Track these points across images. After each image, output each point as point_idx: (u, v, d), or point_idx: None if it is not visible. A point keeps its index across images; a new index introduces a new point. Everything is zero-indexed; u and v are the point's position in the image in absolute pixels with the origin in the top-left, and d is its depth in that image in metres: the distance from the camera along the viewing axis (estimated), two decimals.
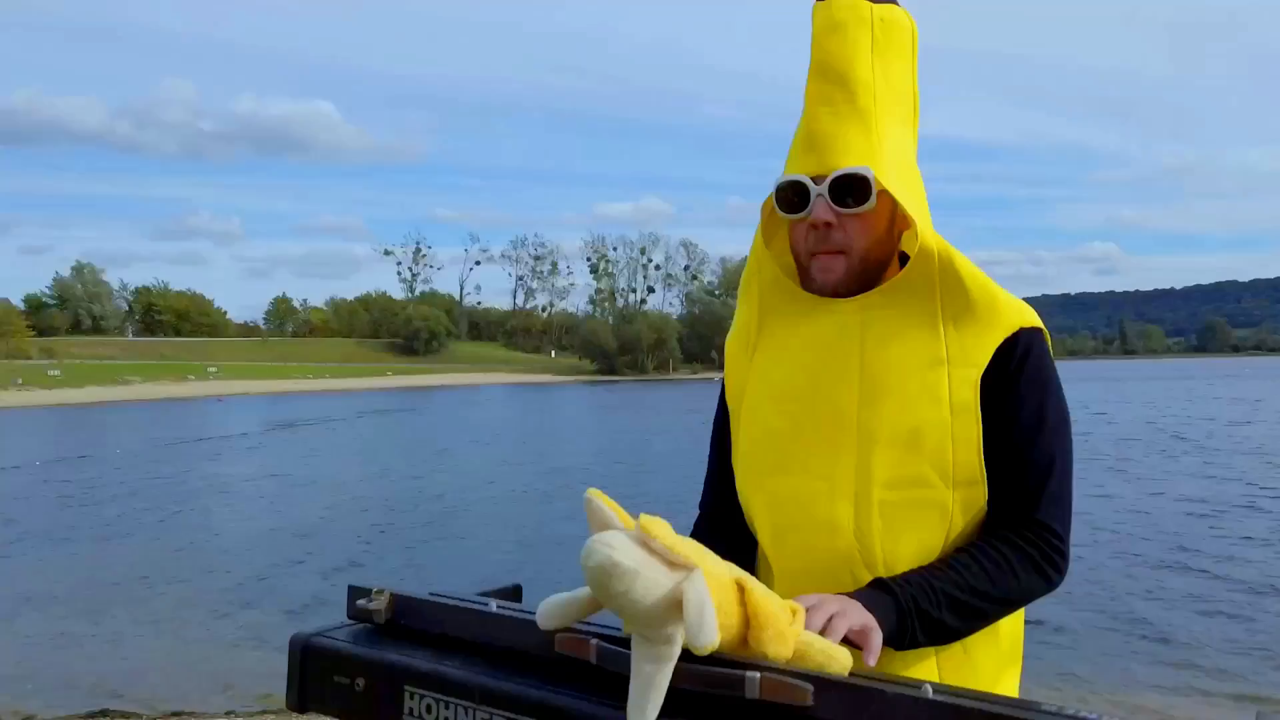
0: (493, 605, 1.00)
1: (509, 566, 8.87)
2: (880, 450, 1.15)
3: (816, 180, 1.17)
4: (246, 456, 21.30)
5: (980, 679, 1.15)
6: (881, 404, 1.17)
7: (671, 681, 0.81)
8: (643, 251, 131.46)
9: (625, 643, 0.87)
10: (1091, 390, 49.39)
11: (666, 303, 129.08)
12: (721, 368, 1.43)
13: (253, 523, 12.06)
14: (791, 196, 1.19)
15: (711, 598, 0.80)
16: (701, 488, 1.44)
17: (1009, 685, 1.21)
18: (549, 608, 0.91)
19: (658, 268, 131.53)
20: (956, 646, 1.15)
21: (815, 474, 1.18)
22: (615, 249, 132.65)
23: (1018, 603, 1.14)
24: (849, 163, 1.15)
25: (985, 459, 1.15)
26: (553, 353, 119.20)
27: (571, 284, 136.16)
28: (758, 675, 0.79)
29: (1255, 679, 5.56)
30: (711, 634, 0.77)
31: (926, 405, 1.15)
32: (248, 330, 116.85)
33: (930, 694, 0.73)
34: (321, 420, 33.19)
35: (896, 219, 1.23)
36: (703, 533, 1.38)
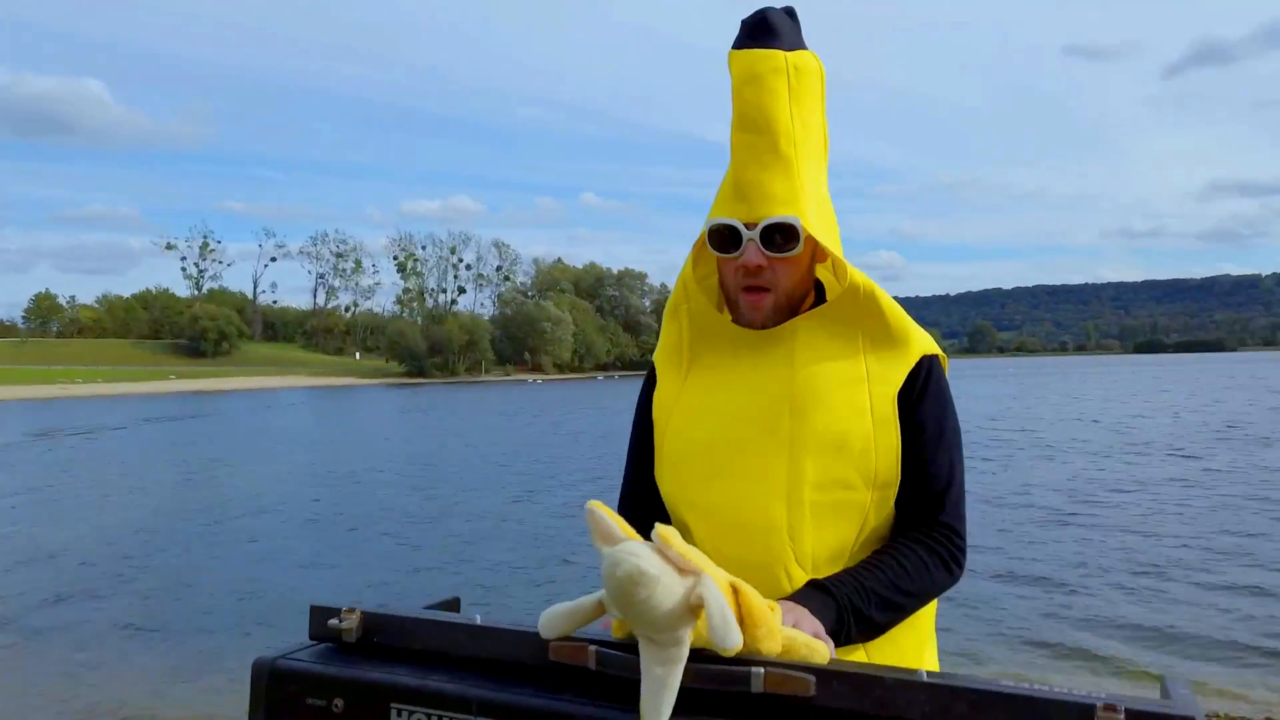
0: (478, 618, 1.01)
1: (310, 587, 8.33)
2: (810, 456, 1.26)
3: (749, 226, 1.27)
4: None
5: (906, 659, 1.28)
6: (811, 415, 1.28)
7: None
8: (453, 251, 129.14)
9: (625, 647, 0.91)
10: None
11: (478, 303, 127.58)
12: (537, 369, 1.51)
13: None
14: (725, 237, 1.29)
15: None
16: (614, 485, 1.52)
17: (931, 661, 1.35)
18: (552, 618, 0.93)
19: (469, 268, 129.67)
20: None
21: (751, 479, 1.27)
22: (424, 248, 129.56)
23: (931, 596, 1.28)
24: (776, 211, 1.26)
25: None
26: (357, 354, 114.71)
27: (377, 283, 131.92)
28: (762, 670, 0.85)
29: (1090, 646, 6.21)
30: (737, 635, 0.82)
31: (851, 416, 1.28)
32: (3, 330, 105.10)
33: (925, 678, 0.82)
34: (89, 430, 30.13)
35: (815, 255, 1.36)
36: None
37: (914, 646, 1.31)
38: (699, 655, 0.88)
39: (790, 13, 1.31)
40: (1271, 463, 15.15)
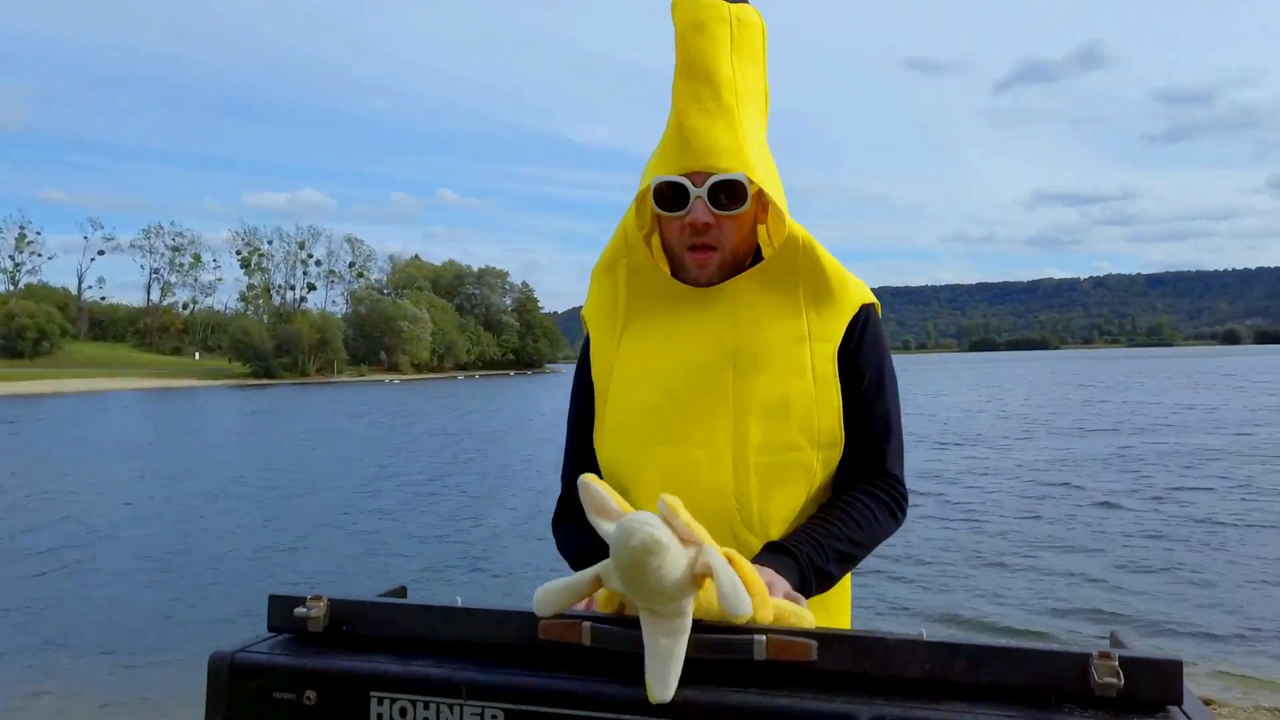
0: (459, 600, 0.97)
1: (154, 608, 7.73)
2: (754, 419, 1.26)
3: (695, 182, 1.25)
4: None
5: (834, 618, 1.31)
6: (754, 378, 1.28)
7: None
8: (301, 246, 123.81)
9: (618, 622, 0.90)
10: None
11: (330, 301, 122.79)
12: (394, 370, 1.48)
13: None
14: (670, 196, 1.27)
15: None
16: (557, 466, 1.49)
17: (846, 616, 1.38)
18: (549, 594, 0.91)
19: (319, 263, 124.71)
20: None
21: (696, 442, 1.27)
22: (270, 242, 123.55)
23: (877, 545, 1.31)
24: (722, 163, 1.24)
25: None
26: (197, 354, 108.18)
27: (218, 279, 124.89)
28: (764, 638, 0.86)
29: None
30: (748, 603, 0.82)
31: (793, 378, 1.29)
32: None
33: (925, 638, 0.85)
34: None
35: (758, 213, 1.35)
36: (571, 511, 1.41)
37: (840, 605, 1.35)
38: (699, 626, 0.87)
39: None
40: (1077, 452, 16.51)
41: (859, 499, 1.29)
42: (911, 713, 0.79)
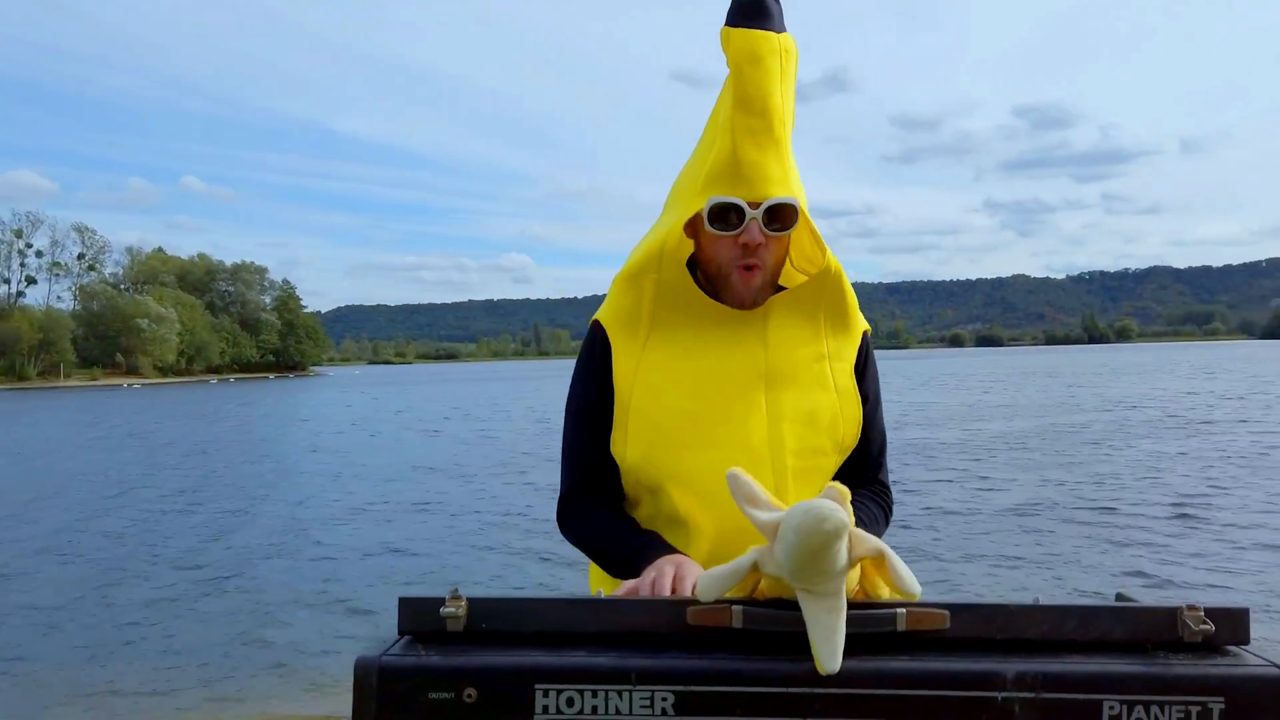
0: (602, 593, 0.99)
1: None
2: (788, 426, 1.38)
3: (752, 205, 1.34)
4: None
5: None
6: (785, 390, 1.40)
7: None
8: (18, 234, 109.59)
9: (766, 604, 0.96)
10: (504, 389, 54.36)
11: (54, 296, 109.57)
12: (133, 373, 1.50)
13: None
14: (728, 216, 1.35)
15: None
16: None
17: None
18: (714, 580, 0.96)
19: (39, 254, 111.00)
20: None
21: (736, 447, 1.36)
22: None
23: None
24: (775, 191, 1.34)
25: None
26: None
27: None
28: (904, 610, 0.95)
29: None
30: (917, 584, 0.92)
31: (819, 391, 1.42)
32: None
33: (1041, 602, 0.98)
34: None
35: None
36: (587, 500, 1.46)
37: None
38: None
39: None
40: None
41: (865, 503, 1.45)
42: (1045, 667, 0.92)
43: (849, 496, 0.96)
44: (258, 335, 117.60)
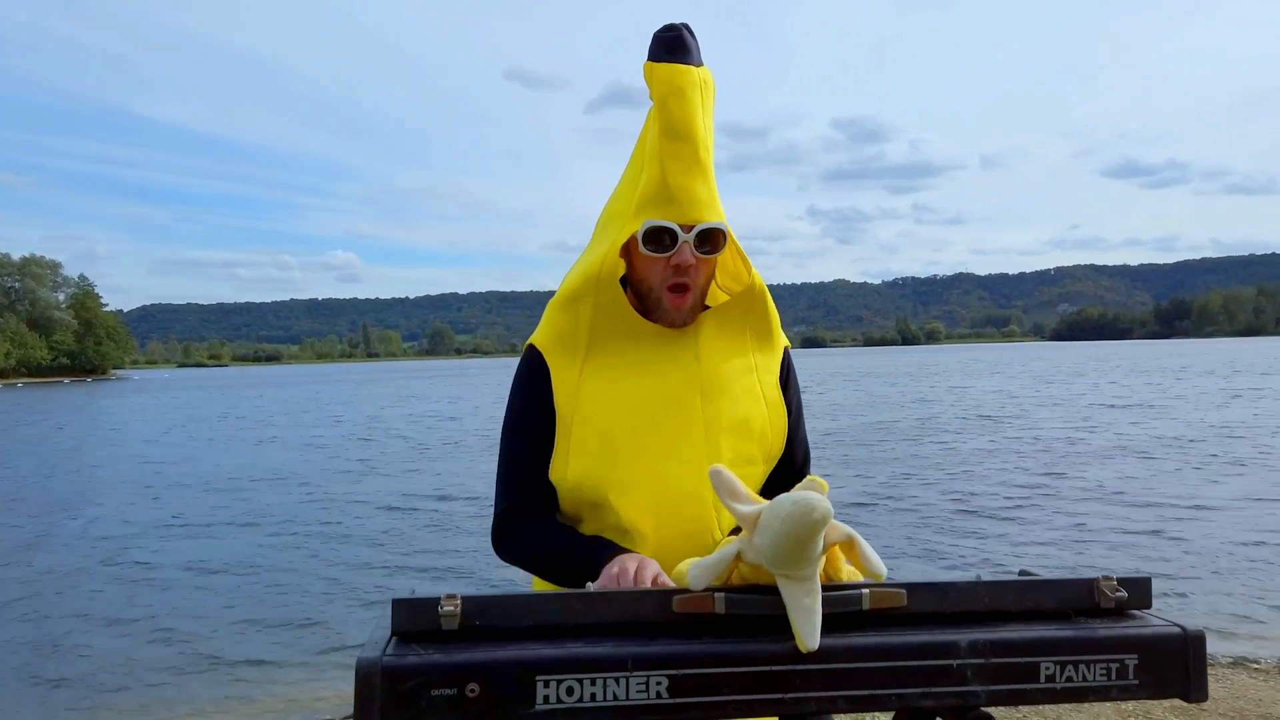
0: (590, 586, 1.02)
1: None
2: (724, 437, 1.47)
3: (684, 228, 1.42)
4: None
5: None
6: (719, 401, 1.48)
7: None
8: None
9: (748, 591, 1.03)
10: (337, 390, 52.37)
11: None
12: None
13: None
14: (661, 238, 1.43)
15: None
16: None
17: None
18: (704, 570, 1.01)
19: None
20: None
21: (677, 458, 1.43)
22: None
23: None
24: (704, 215, 1.43)
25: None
26: None
27: None
28: (868, 591, 1.04)
29: None
30: (883, 565, 1.01)
31: (750, 402, 1.52)
32: None
33: (983, 578, 1.09)
34: None
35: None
36: (528, 515, 1.48)
37: None
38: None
39: (691, 31, 1.48)
40: None
41: None
42: (992, 636, 1.03)
43: (827, 488, 1.04)
44: (50, 336, 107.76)
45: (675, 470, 1.42)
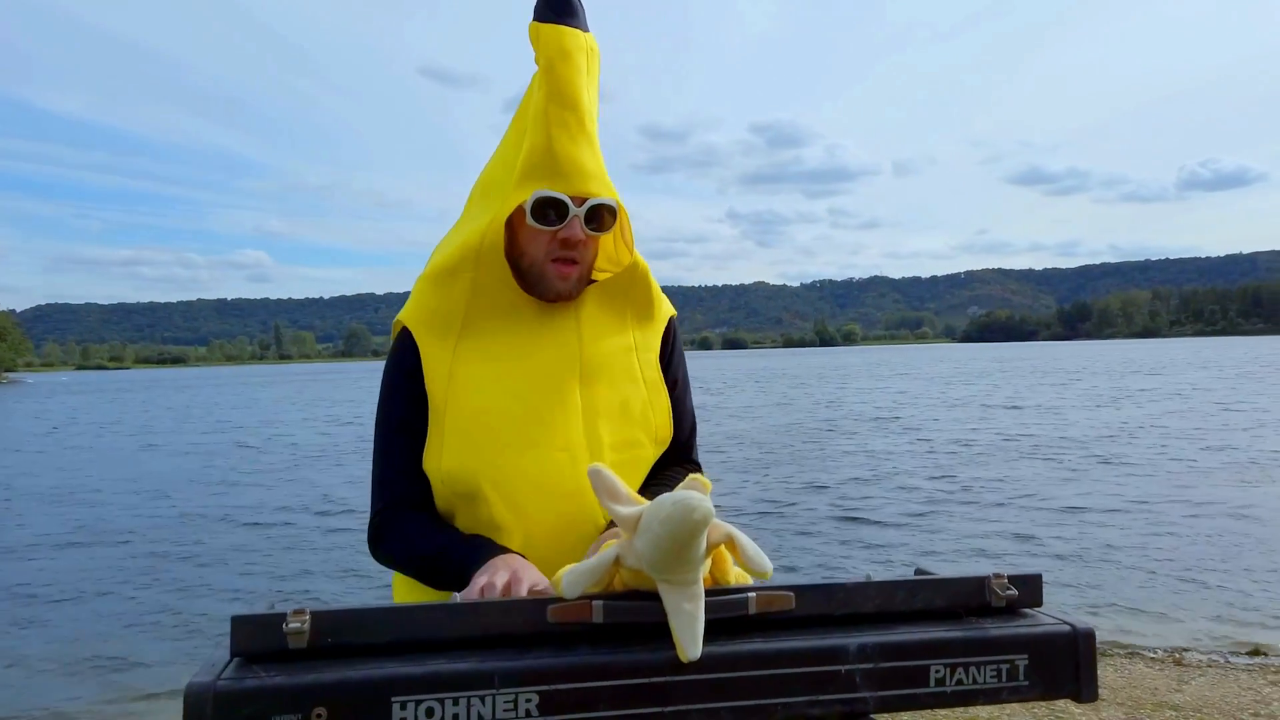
0: (456, 597, 0.95)
1: None
2: (603, 421, 1.40)
3: (575, 201, 1.35)
4: None
5: None
6: (597, 384, 1.42)
7: None
8: None
9: (625, 597, 0.97)
10: (239, 393, 50.60)
11: None
12: None
13: None
14: (549, 211, 1.35)
15: None
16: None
17: None
18: (578, 576, 0.94)
19: None
20: None
21: (556, 446, 1.36)
22: None
23: None
24: (594, 188, 1.36)
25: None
26: None
27: None
28: (754, 594, 0.99)
29: None
30: (769, 561, 0.95)
31: (629, 383, 1.45)
32: None
33: (873, 578, 1.04)
34: None
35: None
36: (404, 516, 1.39)
37: None
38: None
39: None
40: None
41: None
42: (881, 638, 0.98)
43: (710, 488, 0.98)
44: None
45: (556, 460, 1.35)
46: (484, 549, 1.28)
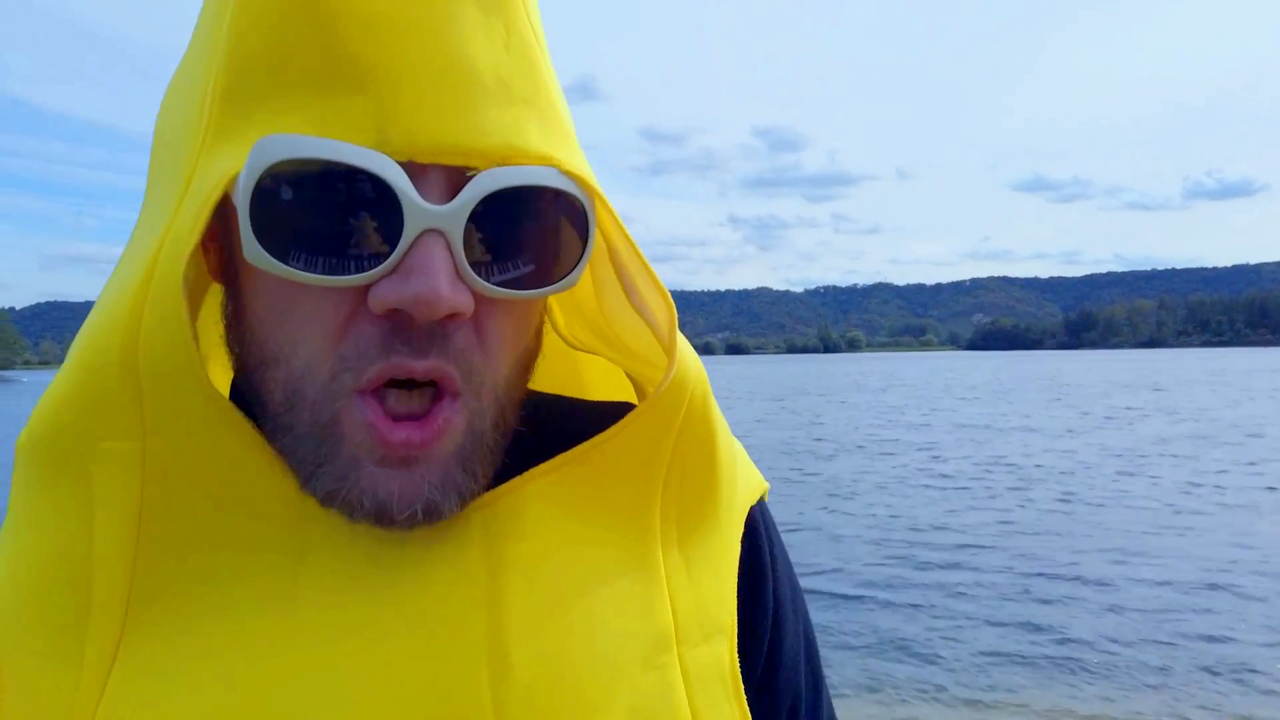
0: None
1: None
2: None
3: (435, 177, 0.61)
4: None
5: None
6: (557, 691, 0.48)
7: None
8: None
9: None
10: None
11: None
12: None
13: None
14: (338, 210, 0.57)
15: None
16: None
17: None
18: None
19: None
20: None
21: None
22: None
23: None
24: (511, 136, 0.65)
25: None
26: None
27: None
28: None
29: None
30: None
31: (643, 692, 0.50)
32: None
33: None
34: None
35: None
36: None
37: None
38: None
39: None
40: None
41: None
42: None
43: None
44: None
45: None
46: None
